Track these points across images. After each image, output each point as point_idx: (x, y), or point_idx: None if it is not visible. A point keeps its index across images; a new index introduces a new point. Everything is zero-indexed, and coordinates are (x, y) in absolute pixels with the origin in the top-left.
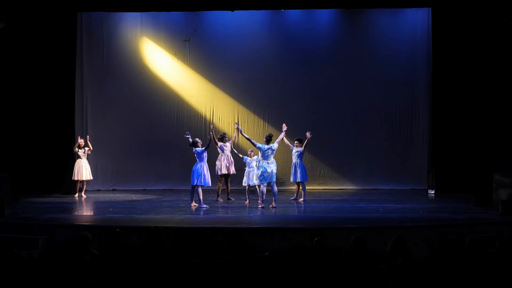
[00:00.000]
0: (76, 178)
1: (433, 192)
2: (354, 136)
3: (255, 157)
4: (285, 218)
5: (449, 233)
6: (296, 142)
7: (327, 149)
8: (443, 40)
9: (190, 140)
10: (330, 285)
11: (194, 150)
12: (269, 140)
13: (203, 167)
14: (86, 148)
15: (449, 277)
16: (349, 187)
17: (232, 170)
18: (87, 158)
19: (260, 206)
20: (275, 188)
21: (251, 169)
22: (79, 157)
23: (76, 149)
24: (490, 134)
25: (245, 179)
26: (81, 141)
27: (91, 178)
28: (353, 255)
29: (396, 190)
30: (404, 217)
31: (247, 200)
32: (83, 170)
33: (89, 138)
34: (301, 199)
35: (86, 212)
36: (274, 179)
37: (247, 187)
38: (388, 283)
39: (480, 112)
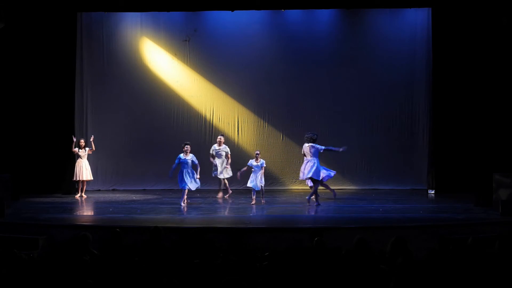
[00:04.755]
0: (76, 179)
1: (433, 192)
2: (354, 136)
3: (261, 160)
4: (285, 218)
5: (449, 233)
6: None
7: None
8: (443, 40)
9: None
10: (330, 285)
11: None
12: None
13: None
14: (87, 148)
15: (449, 277)
16: (349, 187)
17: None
18: (88, 159)
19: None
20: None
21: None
22: (79, 157)
23: (76, 149)
24: (490, 134)
25: (254, 182)
26: (81, 141)
27: (92, 178)
28: (354, 255)
29: (396, 190)
30: (404, 217)
31: (263, 200)
32: (83, 170)
33: (93, 138)
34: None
35: (86, 212)
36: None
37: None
38: (388, 283)
39: (480, 112)
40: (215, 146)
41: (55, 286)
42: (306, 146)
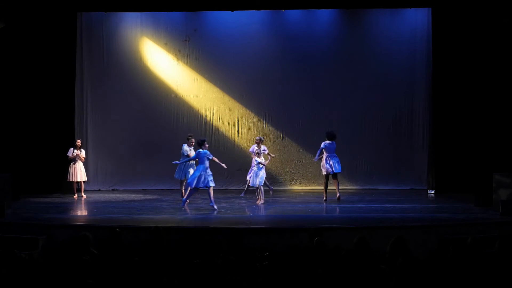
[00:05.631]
0: (70, 180)
1: (433, 192)
2: (354, 136)
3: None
4: (285, 218)
5: (449, 233)
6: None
7: None
8: (443, 40)
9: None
10: (330, 285)
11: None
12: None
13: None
14: (83, 150)
15: (449, 277)
16: (349, 187)
17: None
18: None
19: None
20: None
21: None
22: (75, 159)
23: (70, 153)
24: (490, 134)
25: (257, 179)
26: (78, 141)
27: (86, 179)
28: (354, 255)
29: (396, 190)
30: (404, 217)
31: (259, 199)
32: (77, 172)
33: (80, 141)
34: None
35: (86, 212)
36: None
37: (260, 186)
38: (388, 283)
39: (480, 112)
40: (186, 146)
41: (55, 286)
42: (334, 143)
